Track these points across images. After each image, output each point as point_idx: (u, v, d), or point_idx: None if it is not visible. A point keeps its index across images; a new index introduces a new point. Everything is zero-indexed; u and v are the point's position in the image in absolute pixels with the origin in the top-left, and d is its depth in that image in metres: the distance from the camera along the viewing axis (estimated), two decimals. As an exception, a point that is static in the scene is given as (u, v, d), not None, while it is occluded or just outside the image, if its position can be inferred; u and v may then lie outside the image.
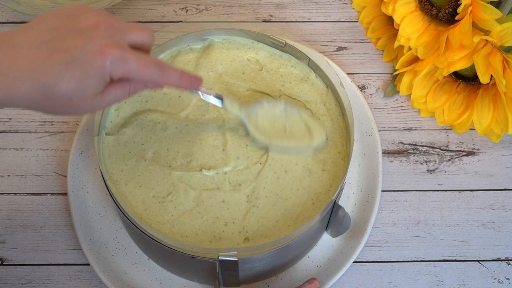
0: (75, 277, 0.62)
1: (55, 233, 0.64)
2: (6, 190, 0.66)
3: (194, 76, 0.52)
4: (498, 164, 0.69)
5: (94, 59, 0.45)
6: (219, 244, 0.55)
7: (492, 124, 0.66)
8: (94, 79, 0.45)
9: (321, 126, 0.60)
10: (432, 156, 0.69)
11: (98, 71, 0.45)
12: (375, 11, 0.74)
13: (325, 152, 0.59)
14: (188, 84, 0.51)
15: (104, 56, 0.45)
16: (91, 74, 0.45)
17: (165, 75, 0.49)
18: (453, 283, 0.63)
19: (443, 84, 0.69)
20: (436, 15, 0.66)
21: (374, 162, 0.66)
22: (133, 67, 0.46)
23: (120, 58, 0.46)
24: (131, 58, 0.46)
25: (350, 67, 0.74)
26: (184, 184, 0.57)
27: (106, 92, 0.47)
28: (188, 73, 0.51)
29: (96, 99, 0.47)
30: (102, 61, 0.45)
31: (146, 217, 0.56)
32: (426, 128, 0.71)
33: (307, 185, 0.57)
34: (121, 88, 0.48)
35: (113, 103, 0.48)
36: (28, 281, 0.62)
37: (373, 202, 0.64)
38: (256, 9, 0.77)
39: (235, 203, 0.56)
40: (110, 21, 0.47)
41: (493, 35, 0.61)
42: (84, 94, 0.46)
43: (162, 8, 0.77)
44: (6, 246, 0.63)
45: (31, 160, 0.67)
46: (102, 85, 0.46)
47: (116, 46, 0.46)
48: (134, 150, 0.58)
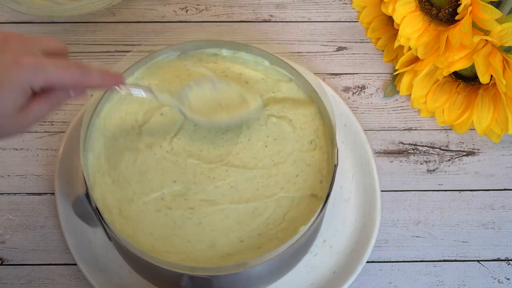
0: (75, 277, 0.62)
1: (55, 233, 0.64)
2: (6, 190, 0.66)
3: (116, 73, 0.50)
4: (498, 164, 0.69)
5: (9, 71, 0.43)
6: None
7: (492, 124, 0.66)
8: (13, 92, 0.43)
9: (254, 91, 0.60)
10: (432, 156, 0.69)
11: (16, 83, 0.43)
12: (375, 11, 0.74)
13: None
14: (112, 82, 0.50)
15: (20, 65, 0.43)
16: (9, 87, 0.43)
17: (86, 75, 0.47)
18: (453, 283, 0.63)
19: (443, 84, 0.69)
20: (436, 15, 0.66)
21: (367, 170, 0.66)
22: (52, 72, 0.44)
23: (37, 66, 0.44)
24: (48, 64, 0.44)
25: (350, 67, 0.74)
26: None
27: (30, 107, 0.45)
28: (109, 71, 0.49)
29: (21, 116, 0.44)
30: (18, 72, 0.43)
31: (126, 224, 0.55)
32: (426, 128, 0.71)
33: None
34: (44, 101, 0.46)
35: (40, 119, 0.46)
36: (28, 281, 0.62)
37: (374, 219, 0.63)
38: (256, 9, 0.77)
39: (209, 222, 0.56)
40: (17, 34, 0.46)
41: (493, 35, 0.61)
42: (6, 110, 0.43)
43: (162, 8, 0.77)
44: (6, 246, 0.63)
45: (31, 160, 0.67)
46: (24, 98, 0.44)
47: (31, 55, 0.44)
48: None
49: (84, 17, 0.75)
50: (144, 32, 0.75)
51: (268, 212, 0.56)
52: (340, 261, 0.62)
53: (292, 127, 0.60)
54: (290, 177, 0.57)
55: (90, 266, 0.61)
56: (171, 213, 0.55)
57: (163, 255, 0.53)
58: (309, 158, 0.58)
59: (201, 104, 0.58)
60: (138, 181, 0.57)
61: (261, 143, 0.59)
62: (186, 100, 0.58)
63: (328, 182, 0.56)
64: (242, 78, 0.62)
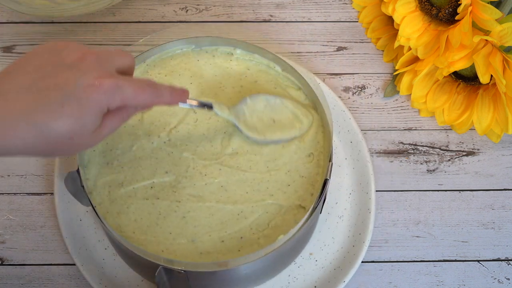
0: (75, 277, 0.62)
1: (55, 233, 0.64)
2: (6, 190, 0.66)
3: (182, 90, 0.51)
4: (498, 164, 0.69)
5: (89, 93, 0.43)
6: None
7: (492, 124, 0.66)
8: (92, 114, 0.44)
9: (306, 108, 0.60)
10: (432, 156, 0.69)
11: (95, 105, 0.43)
12: (375, 11, 0.74)
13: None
14: (179, 99, 0.50)
15: (99, 88, 0.43)
16: (89, 109, 0.43)
17: (159, 95, 0.47)
18: (453, 283, 0.63)
19: (443, 84, 0.69)
20: (436, 15, 0.66)
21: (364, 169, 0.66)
22: (129, 93, 0.45)
23: (115, 87, 0.44)
24: (124, 85, 0.45)
25: (350, 67, 0.74)
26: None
27: (104, 124, 0.45)
28: (176, 88, 0.50)
29: (95, 133, 0.45)
30: (98, 94, 0.43)
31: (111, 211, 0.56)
32: (426, 128, 0.71)
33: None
34: (117, 117, 0.46)
35: (111, 133, 0.47)
36: (28, 281, 0.62)
37: (368, 217, 0.64)
38: (256, 9, 0.77)
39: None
40: (94, 51, 0.46)
41: (493, 35, 0.61)
42: (84, 130, 0.44)
43: (162, 8, 0.77)
44: (6, 246, 0.63)
45: (31, 160, 0.67)
46: (101, 119, 0.45)
47: (108, 76, 0.44)
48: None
49: (84, 17, 0.75)
50: (144, 32, 0.75)
51: (254, 216, 0.55)
52: (323, 276, 0.62)
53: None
54: (281, 186, 0.57)
55: (88, 266, 0.61)
56: (158, 203, 0.56)
57: (143, 243, 0.54)
58: (304, 170, 0.58)
59: (256, 120, 0.59)
60: (131, 167, 0.57)
61: (259, 148, 0.59)
62: (242, 115, 0.59)
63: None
64: (256, 82, 0.63)
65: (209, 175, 0.57)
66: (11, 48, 0.74)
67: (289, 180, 0.57)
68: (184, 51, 0.64)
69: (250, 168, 0.57)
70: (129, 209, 0.55)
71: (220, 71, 0.63)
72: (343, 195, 0.65)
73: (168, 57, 0.63)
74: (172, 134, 0.59)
